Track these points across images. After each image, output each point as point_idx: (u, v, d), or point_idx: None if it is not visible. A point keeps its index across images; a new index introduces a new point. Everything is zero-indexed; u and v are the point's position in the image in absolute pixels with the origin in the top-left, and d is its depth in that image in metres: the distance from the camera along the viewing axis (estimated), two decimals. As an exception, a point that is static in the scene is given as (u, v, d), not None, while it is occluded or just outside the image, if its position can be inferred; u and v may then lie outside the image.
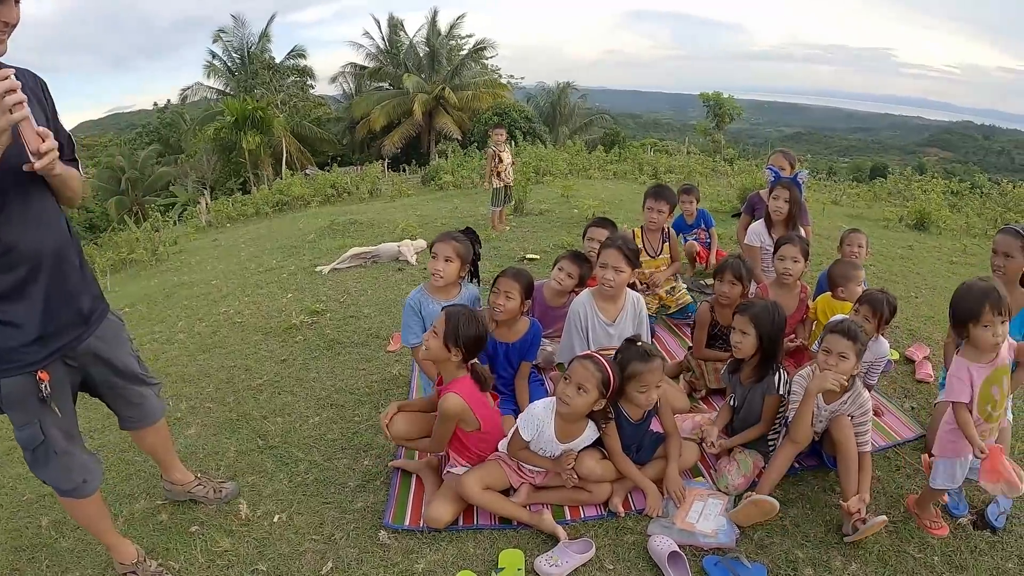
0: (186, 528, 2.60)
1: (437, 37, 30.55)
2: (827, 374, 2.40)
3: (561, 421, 2.48)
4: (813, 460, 2.80)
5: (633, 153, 18.85)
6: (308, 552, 2.43)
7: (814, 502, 2.61)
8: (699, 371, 3.39)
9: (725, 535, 2.37)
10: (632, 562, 2.31)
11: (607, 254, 2.94)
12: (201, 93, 29.74)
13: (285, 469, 2.99)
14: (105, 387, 2.23)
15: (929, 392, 3.52)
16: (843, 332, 2.44)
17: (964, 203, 11.53)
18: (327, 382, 3.81)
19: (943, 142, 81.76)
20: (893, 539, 2.40)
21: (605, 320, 3.03)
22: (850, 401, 2.55)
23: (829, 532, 2.43)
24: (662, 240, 4.31)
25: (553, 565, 2.20)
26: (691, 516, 2.44)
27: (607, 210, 8.23)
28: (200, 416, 3.58)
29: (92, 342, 2.06)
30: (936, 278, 5.92)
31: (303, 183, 14.85)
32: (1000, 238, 2.99)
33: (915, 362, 3.84)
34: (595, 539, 2.40)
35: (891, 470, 2.84)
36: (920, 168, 22.88)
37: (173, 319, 5.47)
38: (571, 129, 30.88)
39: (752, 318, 2.63)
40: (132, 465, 3.14)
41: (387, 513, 2.57)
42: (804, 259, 3.37)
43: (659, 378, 2.48)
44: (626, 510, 2.54)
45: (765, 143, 53.34)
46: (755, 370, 2.71)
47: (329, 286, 5.73)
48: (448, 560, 2.33)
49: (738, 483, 2.63)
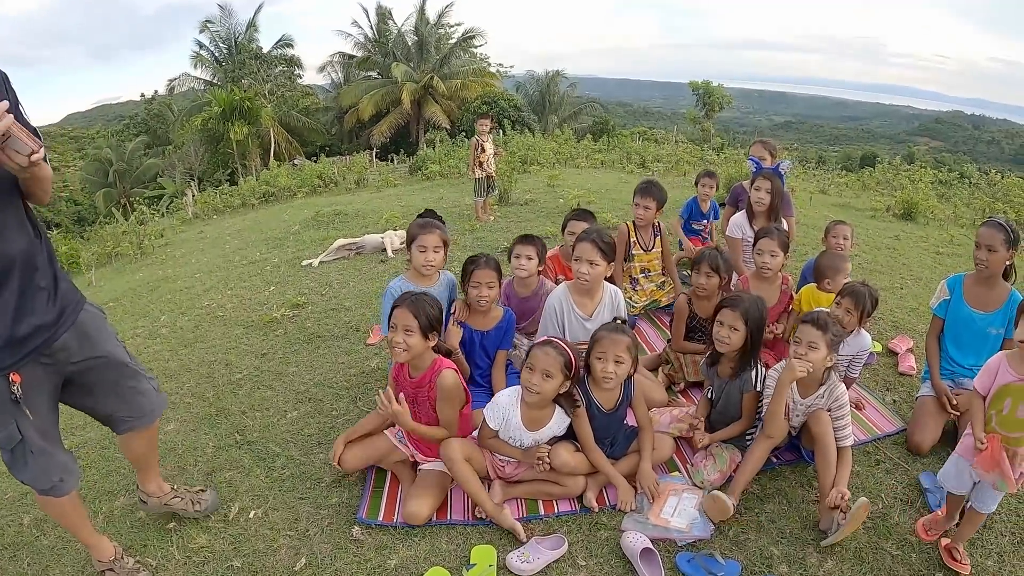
0: (164, 525, 2.60)
1: (426, 26, 30.21)
2: (794, 362, 2.40)
3: (527, 409, 2.47)
4: (791, 455, 2.80)
5: (621, 142, 18.77)
6: (283, 548, 2.43)
7: (791, 498, 2.60)
8: (677, 364, 3.38)
9: (699, 529, 2.37)
10: (605, 558, 2.30)
11: (581, 248, 2.91)
12: (188, 84, 29.28)
13: (262, 464, 2.98)
14: (98, 385, 2.16)
15: (912, 385, 3.51)
16: (813, 322, 2.44)
17: (952, 193, 11.56)
18: (306, 376, 3.79)
19: (933, 131, 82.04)
20: (871, 535, 2.39)
21: (582, 315, 3.01)
22: (826, 395, 2.54)
23: (805, 528, 2.42)
24: (654, 234, 4.27)
25: (525, 561, 2.20)
26: (666, 511, 2.43)
27: (592, 199, 8.20)
28: (180, 411, 3.55)
29: (68, 338, 2.01)
30: (922, 269, 5.94)
31: (290, 174, 14.71)
32: (984, 231, 2.95)
33: (898, 354, 3.83)
34: (568, 535, 2.39)
35: (870, 465, 2.83)
36: (910, 157, 22.95)
37: (156, 313, 5.41)
38: (560, 118, 30.70)
39: (743, 313, 2.60)
40: (113, 462, 3.13)
41: (361, 508, 2.57)
42: (783, 252, 3.35)
43: (621, 352, 2.45)
44: (600, 505, 2.53)
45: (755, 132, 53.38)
46: (734, 365, 2.70)
47: (312, 278, 5.69)
48: (421, 556, 2.33)
49: (714, 478, 2.62)
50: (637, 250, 4.25)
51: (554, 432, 2.53)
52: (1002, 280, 3.04)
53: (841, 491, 2.32)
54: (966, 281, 3.12)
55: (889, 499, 2.61)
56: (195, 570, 2.35)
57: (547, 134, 21.55)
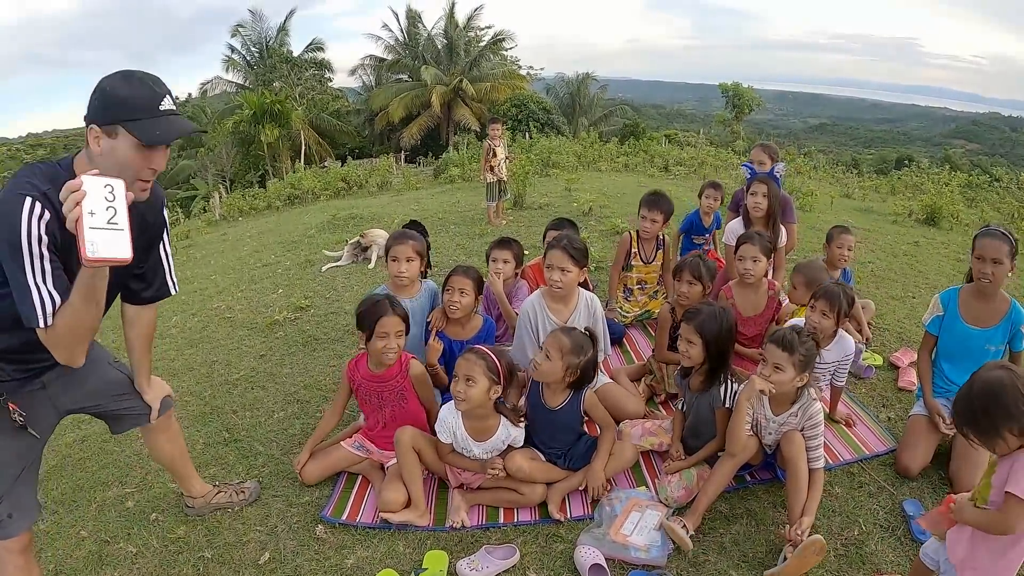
0: (147, 515, 2.74)
1: (455, 29, 30.47)
2: (755, 379, 2.33)
3: (468, 420, 2.50)
4: (767, 474, 2.70)
5: (645, 145, 18.60)
6: (251, 542, 2.52)
7: (760, 519, 2.49)
8: (660, 374, 3.34)
9: (657, 551, 2.30)
10: (556, 571, 2.28)
11: (552, 255, 2.90)
12: (221, 87, 30.18)
13: (244, 462, 3.08)
14: (99, 412, 2.23)
15: (910, 401, 3.32)
16: (778, 342, 2.34)
17: (981, 197, 11.13)
18: (298, 378, 3.88)
19: (970, 134, 79.13)
20: (841, 563, 2.26)
21: (557, 321, 2.99)
22: (800, 412, 2.44)
23: (770, 553, 2.31)
24: (656, 247, 4.22)
25: (473, 569, 2.21)
26: (626, 527, 2.38)
27: (606, 203, 8.15)
28: (178, 409, 3.63)
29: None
30: (938, 277, 5.72)
31: (315, 176, 14.99)
32: (988, 242, 2.68)
33: (899, 368, 3.66)
34: (524, 545, 2.39)
35: (853, 487, 2.67)
36: (946, 160, 22.15)
37: (168, 314, 5.58)
38: (590, 120, 30.62)
39: (697, 327, 2.53)
40: (110, 455, 3.28)
41: (327, 507, 2.64)
42: (766, 257, 3.28)
43: (552, 348, 2.46)
44: (563, 514, 2.52)
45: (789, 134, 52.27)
46: (703, 379, 2.63)
47: (318, 281, 5.81)
48: (377, 557, 2.37)
49: (679, 495, 2.55)
50: (636, 261, 4.22)
51: (504, 442, 2.54)
52: (1001, 292, 2.83)
53: (802, 527, 2.21)
54: (962, 295, 2.93)
55: (868, 525, 2.44)
56: (170, 559, 2.47)
57: (576, 137, 21.51)
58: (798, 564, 2.13)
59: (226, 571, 2.38)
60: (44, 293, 1.57)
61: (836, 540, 2.37)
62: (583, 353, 2.49)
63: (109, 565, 2.46)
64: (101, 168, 1.59)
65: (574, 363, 2.47)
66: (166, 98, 1.68)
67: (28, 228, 1.55)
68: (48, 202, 1.59)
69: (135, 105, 1.63)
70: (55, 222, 1.58)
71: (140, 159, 1.67)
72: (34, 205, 1.56)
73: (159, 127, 1.65)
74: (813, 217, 7.90)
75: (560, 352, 2.46)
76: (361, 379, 2.72)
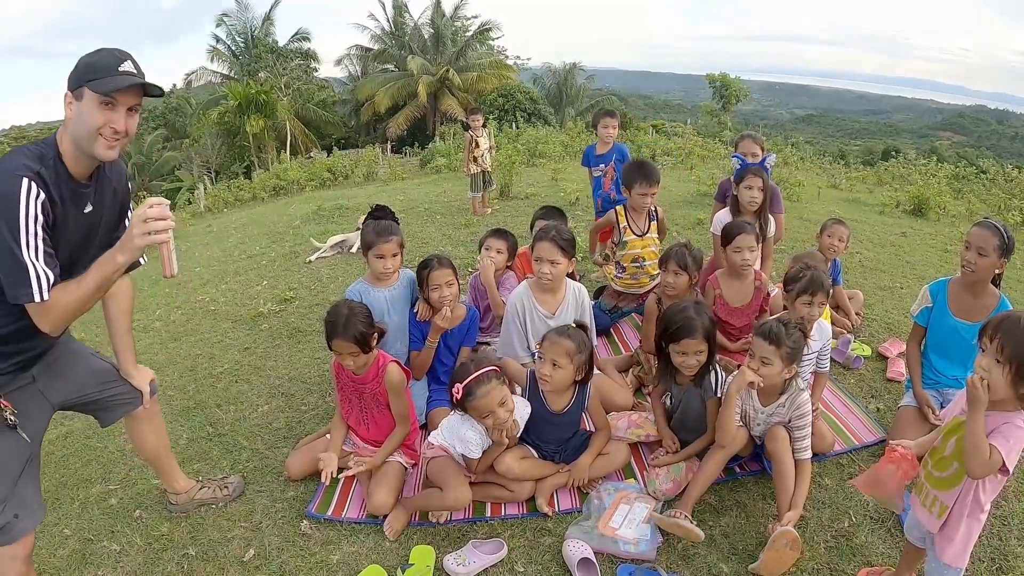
0: (131, 512, 2.69)
1: (442, 18, 30.16)
2: (745, 371, 2.32)
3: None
4: (756, 465, 2.69)
5: (633, 135, 18.57)
6: (236, 539, 2.48)
7: (750, 511, 2.48)
8: (648, 365, 3.30)
9: (646, 544, 2.28)
10: (544, 565, 2.27)
11: (540, 247, 2.86)
12: (206, 77, 29.64)
13: (229, 457, 3.03)
14: (88, 402, 2.22)
15: (899, 392, 3.32)
16: (765, 335, 2.33)
17: (968, 188, 11.22)
18: (282, 371, 3.82)
19: (956, 126, 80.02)
20: (831, 555, 2.25)
21: (545, 312, 2.96)
22: (788, 403, 2.44)
23: (760, 545, 2.27)
24: (648, 219, 3.98)
25: (460, 564, 2.19)
26: (615, 520, 2.37)
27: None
28: (161, 404, 3.53)
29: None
30: (926, 267, 5.74)
31: (301, 167, 14.83)
32: (976, 231, 2.74)
33: (888, 359, 3.65)
34: (512, 539, 2.37)
35: (843, 478, 2.66)
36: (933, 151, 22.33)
37: (152, 307, 5.50)
38: (577, 110, 30.51)
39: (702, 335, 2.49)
40: (93, 451, 3.23)
41: (312, 503, 2.60)
42: (757, 247, 3.26)
43: (559, 356, 2.42)
44: (551, 509, 2.50)
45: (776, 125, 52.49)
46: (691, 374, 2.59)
47: (303, 273, 5.74)
48: (363, 553, 2.35)
49: (667, 488, 2.53)
50: (629, 236, 3.91)
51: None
52: (991, 286, 2.83)
53: (784, 521, 2.20)
54: (950, 287, 2.93)
55: (858, 516, 2.44)
56: (154, 556, 2.43)
57: (563, 127, 21.44)
58: (773, 558, 2.11)
59: (211, 568, 2.34)
60: (39, 269, 1.66)
61: (826, 532, 2.37)
62: (586, 348, 2.48)
63: (92, 564, 2.42)
64: (74, 134, 1.74)
65: (581, 361, 2.46)
66: (127, 62, 1.76)
67: (26, 208, 1.64)
68: (42, 181, 1.68)
69: (97, 67, 1.73)
70: (47, 202, 1.69)
71: (101, 116, 1.73)
72: (31, 186, 1.65)
73: (116, 82, 1.72)
74: (800, 207, 7.91)
75: (568, 357, 2.43)
76: (345, 377, 2.67)
